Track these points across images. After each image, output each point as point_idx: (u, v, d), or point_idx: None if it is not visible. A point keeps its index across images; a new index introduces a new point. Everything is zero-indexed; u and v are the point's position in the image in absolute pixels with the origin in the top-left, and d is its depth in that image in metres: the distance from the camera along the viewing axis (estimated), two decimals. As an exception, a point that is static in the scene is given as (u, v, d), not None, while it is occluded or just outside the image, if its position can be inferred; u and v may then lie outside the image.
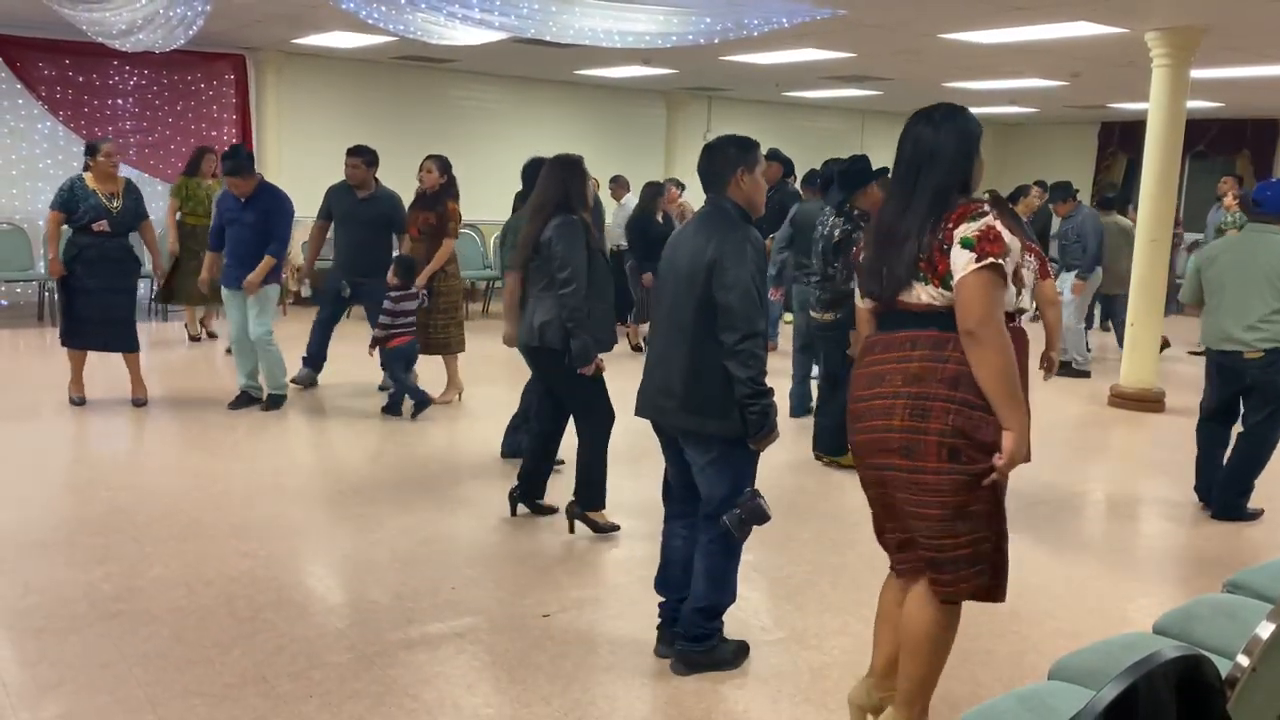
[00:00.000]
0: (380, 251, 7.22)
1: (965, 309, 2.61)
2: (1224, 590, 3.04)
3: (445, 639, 3.67)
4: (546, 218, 4.50)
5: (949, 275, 2.64)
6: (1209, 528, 5.31)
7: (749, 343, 3.20)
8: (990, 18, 7.75)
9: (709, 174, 3.43)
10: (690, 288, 3.31)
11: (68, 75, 10.53)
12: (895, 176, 2.85)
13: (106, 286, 6.48)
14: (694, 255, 3.32)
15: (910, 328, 2.73)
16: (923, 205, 2.70)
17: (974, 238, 2.61)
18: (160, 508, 4.91)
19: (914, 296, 2.71)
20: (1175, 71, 7.83)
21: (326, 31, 9.91)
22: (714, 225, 3.35)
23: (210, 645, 3.54)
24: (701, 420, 3.31)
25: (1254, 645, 1.90)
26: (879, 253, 2.80)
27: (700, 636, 3.48)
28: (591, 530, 4.78)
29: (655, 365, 3.48)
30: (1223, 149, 15.23)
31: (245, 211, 6.64)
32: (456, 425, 6.73)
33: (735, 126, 14.96)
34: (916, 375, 2.68)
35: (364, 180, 7.19)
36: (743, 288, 3.21)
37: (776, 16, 7.32)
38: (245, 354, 6.84)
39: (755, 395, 3.22)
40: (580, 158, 4.65)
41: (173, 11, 6.89)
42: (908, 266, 2.69)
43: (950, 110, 2.80)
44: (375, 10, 6.71)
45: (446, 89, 12.96)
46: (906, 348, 2.72)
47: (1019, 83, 11.67)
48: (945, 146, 2.73)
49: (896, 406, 2.70)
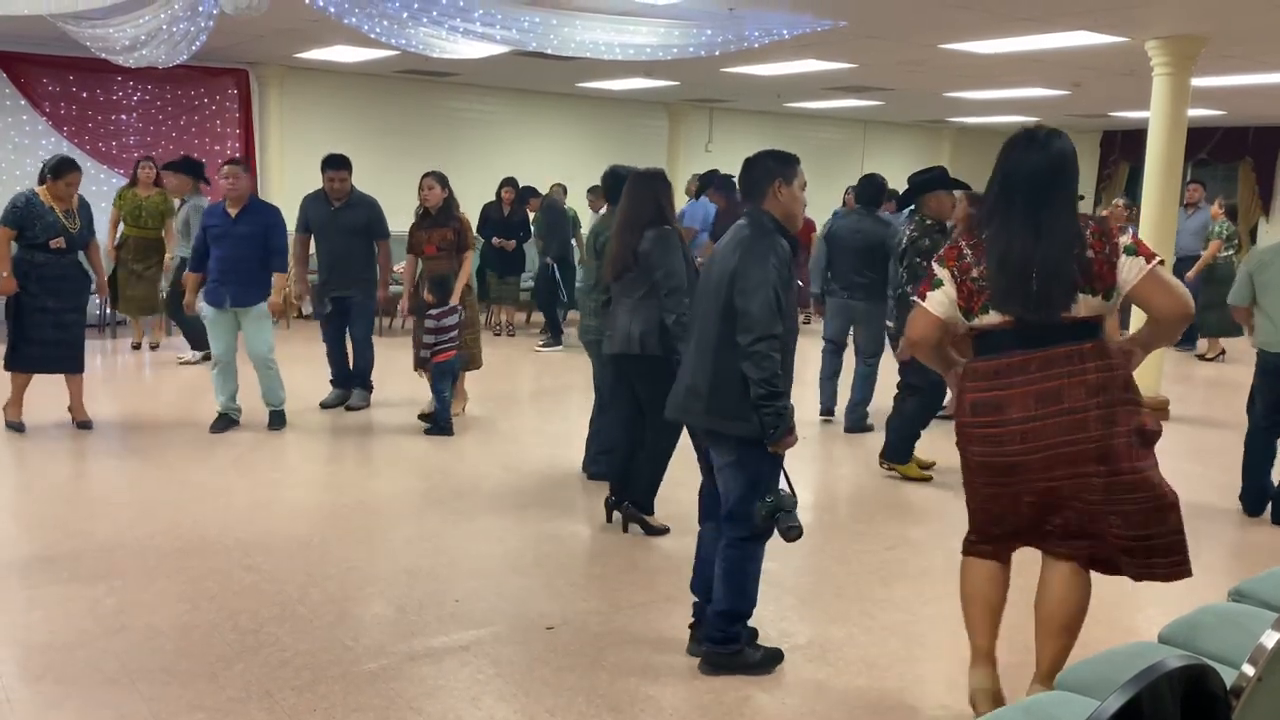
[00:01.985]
0: (361, 259, 7.10)
1: (1166, 299, 2.86)
2: (1229, 599, 3.03)
3: (449, 652, 3.67)
4: (641, 230, 4.64)
5: (1114, 288, 2.87)
6: (1214, 537, 5.30)
7: (763, 344, 3.28)
8: (991, 28, 7.76)
9: (748, 185, 3.55)
10: (718, 295, 3.43)
11: (72, 91, 10.58)
12: (1008, 202, 2.96)
13: (64, 306, 6.27)
14: (724, 263, 3.45)
15: (1065, 342, 2.90)
16: (1062, 226, 2.88)
17: (1133, 244, 2.86)
18: (162, 523, 4.91)
19: (1079, 310, 2.89)
20: (1176, 80, 7.84)
21: (329, 46, 9.95)
22: (743, 236, 3.47)
23: (214, 659, 3.54)
24: (723, 422, 3.41)
25: (1259, 654, 1.89)
26: (1020, 273, 2.89)
27: (723, 639, 3.52)
28: (644, 531, 4.92)
29: (687, 369, 3.60)
30: (1225, 156, 15.24)
31: (238, 225, 6.44)
32: (462, 438, 6.73)
33: (737, 137, 15.05)
34: (1100, 385, 2.88)
35: (346, 192, 7.12)
36: (762, 294, 3.30)
37: (777, 28, 7.35)
38: (229, 376, 6.61)
39: (769, 396, 3.29)
40: (663, 170, 4.81)
41: (176, 27, 6.92)
42: (1069, 285, 2.86)
43: (1051, 133, 2.98)
44: (378, 25, 6.73)
45: (449, 102, 13.00)
46: (1076, 361, 2.89)
47: (1020, 92, 11.69)
48: (1062, 167, 2.94)
49: (1089, 419, 2.87)
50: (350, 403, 7.32)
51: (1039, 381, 2.90)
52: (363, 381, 7.39)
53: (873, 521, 5.35)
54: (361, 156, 12.06)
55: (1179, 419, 7.92)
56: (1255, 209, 15.26)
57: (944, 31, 8.01)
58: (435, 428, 6.72)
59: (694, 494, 3.86)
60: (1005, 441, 2.95)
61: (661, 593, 4.26)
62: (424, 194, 6.94)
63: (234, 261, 6.42)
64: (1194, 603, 3.01)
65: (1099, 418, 2.86)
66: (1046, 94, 11.70)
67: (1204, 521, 5.45)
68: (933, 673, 3.66)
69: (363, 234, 7.12)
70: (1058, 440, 2.89)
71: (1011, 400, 2.93)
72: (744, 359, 3.31)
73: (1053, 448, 2.90)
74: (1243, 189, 15.31)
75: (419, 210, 7.09)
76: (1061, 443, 2.89)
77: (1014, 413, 2.92)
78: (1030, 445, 2.93)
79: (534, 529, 5.01)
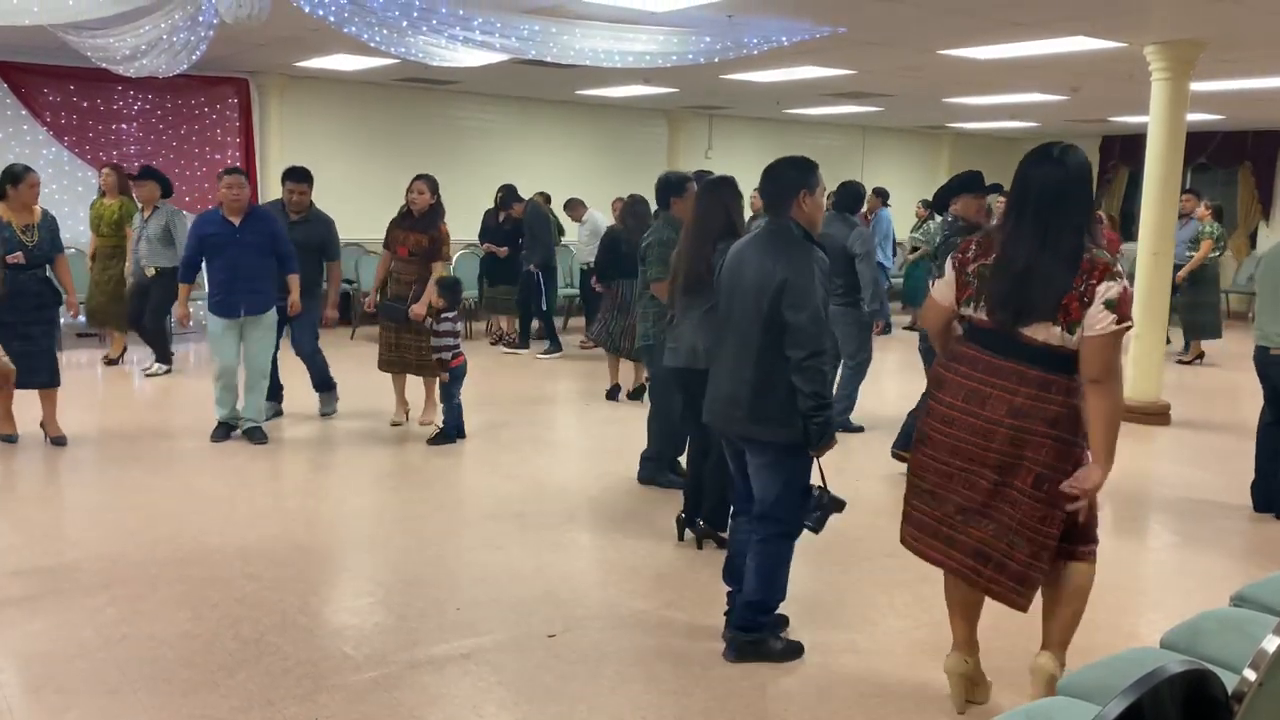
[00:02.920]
0: (312, 274, 6.92)
1: (1095, 361, 2.93)
2: (1231, 604, 3.03)
3: (451, 660, 3.67)
4: (713, 242, 4.46)
5: (1076, 324, 2.92)
6: (1215, 542, 5.29)
7: (815, 359, 3.39)
8: (989, 33, 7.78)
9: (772, 196, 3.60)
10: (757, 306, 3.47)
11: (72, 101, 10.61)
12: (1019, 212, 3.05)
13: (26, 320, 6.10)
14: (762, 274, 3.47)
15: (1020, 361, 3.02)
16: (1064, 247, 2.95)
17: (1116, 300, 2.90)
18: (163, 532, 4.91)
19: (1037, 333, 2.98)
20: (1175, 85, 7.85)
21: (329, 55, 9.98)
22: (780, 245, 3.51)
23: (216, 669, 3.54)
24: (764, 428, 3.52)
25: (1260, 659, 1.89)
26: (1014, 285, 3.01)
27: (751, 627, 3.66)
28: (716, 545, 4.85)
29: (723, 378, 3.65)
30: (1224, 161, 15.26)
31: (243, 234, 6.35)
32: (461, 447, 6.72)
33: (736, 144, 15.08)
34: (1021, 410, 3.00)
35: (305, 206, 7.00)
36: (812, 308, 3.39)
37: (776, 35, 7.37)
38: (230, 388, 6.55)
39: (819, 408, 3.42)
40: (732, 178, 4.69)
41: (176, 36, 6.94)
42: (1048, 308, 2.94)
43: (1066, 148, 3.07)
44: (377, 33, 6.75)
45: (449, 110, 13.03)
46: (1015, 381, 3.02)
47: (1019, 97, 11.70)
48: (1073, 186, 3.00)
49: (998, 433, 3.04)
50: (322, 409, 7.29)
51: (971, 381, 3.11)
52: (325, 386, 7.30)
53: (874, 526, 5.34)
54: (361, 164, 12.19)
55: (1180, 423, 7.92)
56: (1255, 213, 15.27)
57: (943, 37, 8.02)
58: (442, 435, 6.67)
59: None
60: (935, 417, 3.19)
61: (662, 600, 4.26)
62: (412, 196, 6.80)
63: (244, 270, 6.34)
64: (1197, 607, 3.01)
65: (1007, 437, 3.03)
66: (1045, 99, 11.72)
67: (1203, 526, 5.45)
68: (931, 681, 3.66)
69: (315, 251, 6.96)
70: (967, 436, 3.10)
71: (949, 385, 3.17)
72: (796, 372, 3.40)
73: (960, 440, 3.12)
74: (1242, 193, 15.33)
75: (402, 208, 6.92)
76: (968, 440, 3.10)
77: (946, 395, 3.17)
78: (941, 428, 3.16)
79: (534, 536, 5.01)
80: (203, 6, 6.21)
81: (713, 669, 3.65)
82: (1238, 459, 5.79)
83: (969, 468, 3.11)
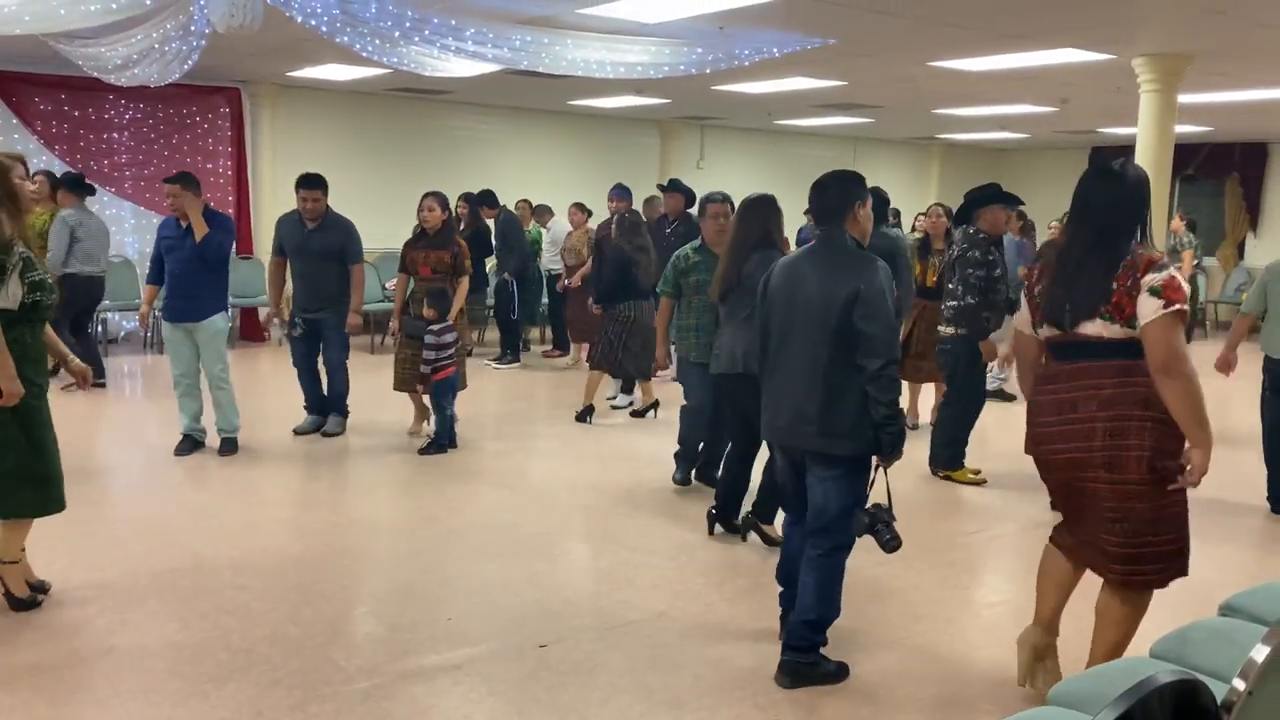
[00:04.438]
0: (335, 281, 6.89)
1: (1155, 349, 3.02)
2: (1220, 613, 3.04)
3: (442, 670, 3.66)
4: (748, 253, 4.72)
5: (1134, 318, 3.03)
6: (1203, 551, 5.30)
7: (891, 368, 3.44)
8: (979, 45, 7.83)
9: (829, 208, 3.65)
10: (824, 320, 3.48)
11: (63, 110, 10.58)
12: (1077, 225, 3.23)
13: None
14: (828, 288, 3.50)
15: (1095, 358, 3.13)
16: (1111, 252, 3.10)
17: (1161, 286, 3.00)
18: (153, 542, 4.89)
19: (1094, 330, 3.10)
20: (1163, 97, 7.91)
21: (321, 64, 9.98)
22: (842, 258, 3.55)
23: (205, 679, 3.52)
24: (834, 442, 3.53)
25: (1249, 669, 1.90)
26: (1065, 289, 3.16)
27: (806, 647, 3.64)
28: (763, 542, 5.01)
29: (785, 394, 3.63)
30: (1212, 172, 15.34)
31: (188, 238, 6.19)
32: (450, 457, 6.72)
33: (728, 154, 15.12)
34: (1111, 400, 3.10)
35: (321, 212, 6.88)
36: (886, 318, 3.45)
37: (767, 47, 7.40)
38: (190, 395, 6.44)
39: (892, 417, 3.47)
40: (773, 197, 4.89)
41: (168, 46, 6.94)
42: (1092, 304, 3.09)
43: (1125, 163, 3.25)
44: (370, 43, 6.76)
45: (441, 120, 13.04)
46: (1096, 376, 3.12)
47: (1009, 109, 11.77)
48: (1127, 198, 3.15)
49: (1095, 429, 3.11)
50: (326, 428, 7.11)
51: (1063, 392, 3.20)
52: (338, 407, 7.18)
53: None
54: (354, 174, 12.16)
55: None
56: (1243, 224, 15.36)
57: (932, 49, 8.07)
58: (434, 445, 6.68)
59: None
60: (1037, 441, 3.30)
61: (655, 610, 4.26)
62: (424, 214, 6.84)
63: (183, 276, 6.19)
64: (1186, 617, 3.02)
65: (1106, 430, 3.09)
66: (1035, 110, 11.79)
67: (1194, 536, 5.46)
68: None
69: (336, 257, 6.88)
70: (1067, 445, 3.18)
71: (1041, 407, 3.28)
72: (871, 382, 3.42)
73: (1063, 452, 3.20)
74: (1230, 205, 15.42)
75: (416, 229, 6.98)
76: (1073, 448, 3.17)
77: (1040, 417, 3.27)
78: (1043, 448, 3.27)
79: (526, 546, 5.00)
80: (195, 16, 6.21)
81: (705, 679, 3.65)
82: (1227, 468, 5.80)
83: (1083, 476, 3.17)
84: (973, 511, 5.87)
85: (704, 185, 13.07)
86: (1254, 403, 5.84)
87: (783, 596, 3.93)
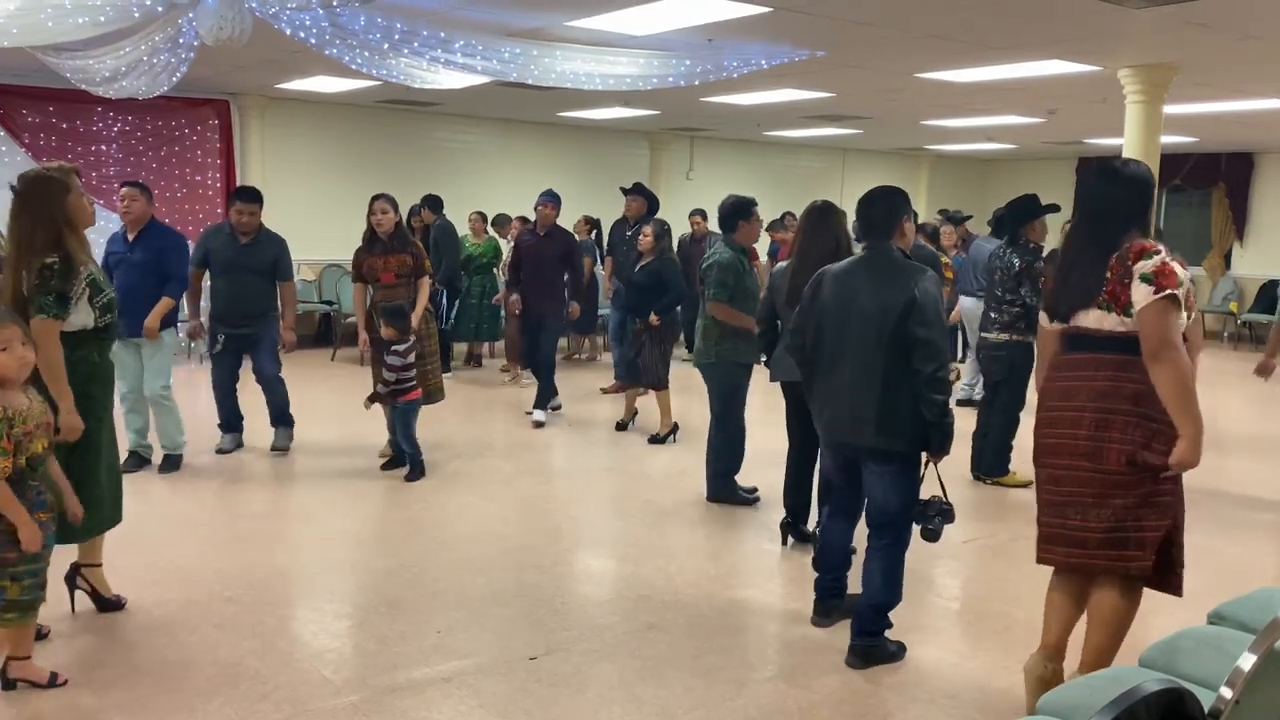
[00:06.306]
0: (266, 296, 6.73)
1: (1148, 334, 3.07)
2: (1208, 622, 3.05)
3: (431, 683, 3.64)
4: (820, 263, 4.62)
5: (1130, 305, 3.09)
6: (1196, 559, 5.32)
7: (944, 370, 3.66)
8: (966, 57, 7.87)
9: (879, 222, 3.86)
10: (881, 327, 3.69)
11: (51, 122, 10.57)
12: (1077, 220, 3.34)
13: None
14: (883, 297, 3.71)
15: (1094, 351, 3.21)
16: (1106, 243, 3.17)
17: (1152, 273, 3.06)
18: (140, 555, 4.86)
19: (1093, 322, 3.19)
20: (1149, 108, 7.96)
21: (310, 76, 9.99)
22: (895, 269, 3.75)
23: (193, 694, 3.50)
24: (892, 440, 3.74)
25: (1237, 677, 1.91)
26: (1059, 280, 3.30)
27: (875, 631, 3.88)
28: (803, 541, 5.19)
29: (842, 398, 3.83)
30: (1198, 182, 15.43)
31: (133, 251, 6.10)
32: (438, 471, 6.70)
33: (717, 166, 15.16)
34: (1102, 392, 3.17)
35: (255, 227, 6.73)
36: (939, 324, 3.69)
37: (756, 58, 7.43)
38: (137, 410, 6.33)
39: (945, 414, 3.68)
40: (833, 204, 4.91)
41: (156, 58, 6.93)
42: (1086, 294, 3.18)
43: (1128, 161, 3.34)
44: (359, 56, 6.76)
45: (431, 132, 13.05)
46: (1092, 368, 3.21)
47: (996, 120, 11.83)
48: (1123, 193, 3.22)
49: (1084, 419, 3.19)
50: (275, 442, 6.93)
51: (1063, 381, 3.29)
52: (281, 419, 6.96)
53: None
54: (342, 186, 12.17)
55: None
56: (1229, 234, 15.45)
57: (920, 61, 8.11)
58: (413, 473, 6.39)
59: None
60: (1041, 424, 3.37)
61: (643, 621, 4.25)
62: (377, 218, 6.54)
63: (128, 290, 5.90)
64: (1175, 625, 3.02)
65: (1093, 421, 3.17)
66: (1022, 121, 11.85)
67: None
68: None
69: (267, 272, 6.72)
70: (1059, 431, 3.27)
71: (1050, 392, 3.36)
72: (928, 383, 3.63)
73: (1059, 436, 3.28)
74: (1216, 215, 15.50)
75: (366, 234, 6.66)
76: (1060, 434, 3.27)
77: (1048, 402, 3.36)
78: (1046, 431, 3.34)
79: (515, 559, 4.99)
80: (183, 28, 6.21)
81: (695, 690, 3.64)
82: (1214, 475, 5.83)
83: (1072, 464, 3.23)
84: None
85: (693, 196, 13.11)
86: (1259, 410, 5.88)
87: (818, 582, 4.21)
